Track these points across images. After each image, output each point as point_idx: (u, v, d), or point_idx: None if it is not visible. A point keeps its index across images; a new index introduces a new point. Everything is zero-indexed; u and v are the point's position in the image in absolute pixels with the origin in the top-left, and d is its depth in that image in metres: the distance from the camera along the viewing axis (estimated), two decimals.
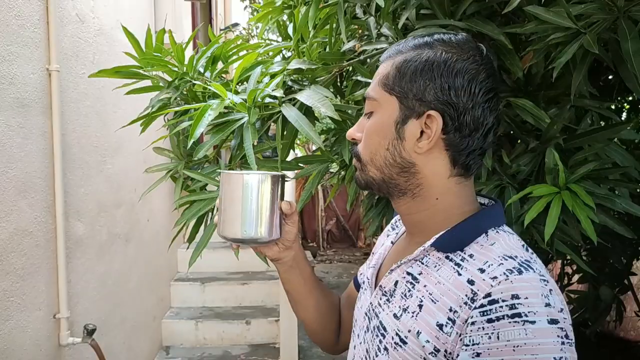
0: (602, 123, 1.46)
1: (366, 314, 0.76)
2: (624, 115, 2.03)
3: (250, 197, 0.74)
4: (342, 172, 1.48)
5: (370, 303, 0.76)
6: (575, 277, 2.47)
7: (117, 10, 2.60)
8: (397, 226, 0.87)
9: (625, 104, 1.97)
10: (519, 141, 1.35)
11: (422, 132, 0.66)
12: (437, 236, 0.67)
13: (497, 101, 0.67)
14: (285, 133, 1.29)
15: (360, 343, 0.75)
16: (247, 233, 0.75)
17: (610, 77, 1.58)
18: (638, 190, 1.36)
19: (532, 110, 1.20)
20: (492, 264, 0.60)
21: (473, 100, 0.64)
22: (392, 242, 0.82)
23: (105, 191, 2.43)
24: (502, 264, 0.60)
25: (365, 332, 0.75)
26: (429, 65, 0.65)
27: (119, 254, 2.61)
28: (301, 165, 1.38)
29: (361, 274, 0.92)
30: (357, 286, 0.93)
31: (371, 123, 0.71)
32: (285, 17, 1.85)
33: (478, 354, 0.56)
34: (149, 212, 3.13)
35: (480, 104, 0.65)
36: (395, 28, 1.21)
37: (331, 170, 1.51)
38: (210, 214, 1.33)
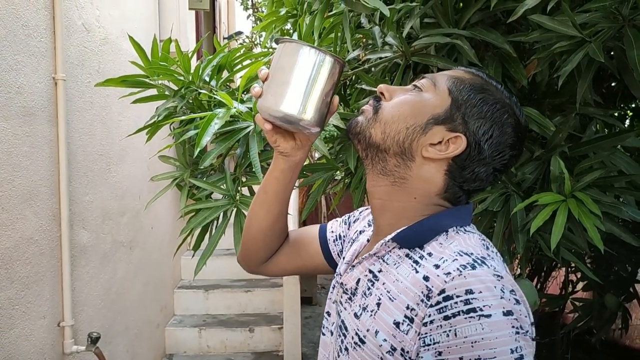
0: (606, 130, 1.47)
1: (336, 309, 0.76)
2: (627, 122, 2.04)
3: (305, 73, 0.68)
4: (347, 180, 1.48)
5: (335, 301, 0.76)
6: (580, 285, 2.46)
7: (123, 20, 2.62)
8: (373, 223, 0.85)
9: (628, 111, 1.97)
10: (524, 149, 1.35)
11: (440, 142, 0.67)
12: (398, 231, 0.67)
13: (497, 179, 0.71)
14: None
15: (333, 342, 0.75)
16: (290, 109, 0.68)
17: (613, 84, 1.58)
18: None
19: (537, 119, 1.21)
20: (446, 260, 0.61)
21: (493, 160, 0.67)
22: (367, 240, 0.81)
23: (109, 199, 2.44)
24: (457, 259, 0.60)
25: (335, 329, 0.75)
26: (494, 108, 0.67)
27: (122, 261, 2.62)
28: (306, 173, 1.38)
29: (332, 231, 0.91)
30: (323, 238, 0.90)
31: (415, 96, 0.70)
32: (289, 26, 1.87)
33: (439, 353, 0.56)
34: (153, 220, 3.14)
35: (493, 167, 0.68)
36: (399, 37, 1.22)
37: (335, 177, 1.51)
38: (215, 222, 1.33)
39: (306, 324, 4.10)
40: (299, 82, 0.68)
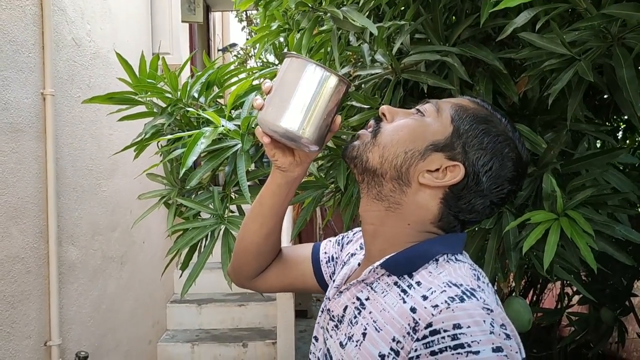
0: (600, 142, 1.45)
1: (323, 336, 0.74)
2: (620, 134, 2.03)
3: (309, 90, 0.67)
4: (338, 196, 1.46)
5: (323, 327, 0.74)
6: (576, 298, 2.44)
7: (114, 34, 2.61)
8: (364, 248, 0.83)
9: (621, 123, 1.97)
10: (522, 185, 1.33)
11: (437, 170, 0.65)
12: (387, 257, 0.66)
13: (494, 212, 0.69)
14: None
15: None
16: (290, 125, 0.67)
17: (605, 96, 1.58)
18: (637, 213, 1.35)
19: (529, 136, 1.19)
20: (435, 291, 0.59)
21: (490, 193, 0.66)
22: (358, 264, 0.78)
23: (100, 214, 2.41)
24: (445, 291, 0.58)
25: (322, 356, 0.73)
26: (495, 140, 0.66)
27: (113, 277, 2.58)
28: (296, 191, 1.36)
29: (325, 252, 0.88)
30: (315, 258, 0.88)
31: (417, 121, 0.69)
32: (282, 39, 1.86)
33: None
34: (145, 234, 3.10)
35: (490, 200, 0.67)
36: (389, 54, 1.21)
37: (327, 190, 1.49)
38: (204, 240, 1.31)
39: (301, 338, 4.05)
40: (301, 98, 0.67)
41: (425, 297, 0.59)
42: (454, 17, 1.41)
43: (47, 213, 1.90)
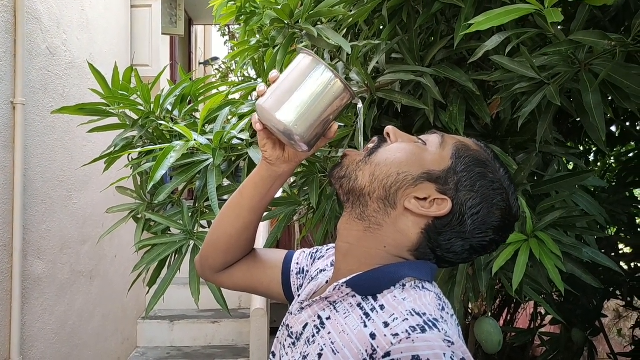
0: (572, 165, 1.48)
1: (280, 352, 0.72)
2: (592, 156, 2.08)
3: (312, 90, 0.67)
4: (310, 215, 1.45)
5: (280, 342, 0.72)
6: (549, 318, 2.46)
7: (92, 44, 2.57)
8: (334, 265, 0.81)
9: (592, 146, 2.01)
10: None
11: (425, 199, 0.65)
12: (353, 275, 0.65)
13: (472, 259, 0.68)
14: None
15: None
16: (285, 118, 0.66)
17: (578, 119, 1.61)
18: (605, 236, 1.37)
19: (500, 156, 1.21)
20: (397, 318, 0.58)
21: (473, 237, 0.65)
22: (327, 281, 0.77)
23: (69, 227, 2.34)
24: (407, 319, 0.57)
25: None
26: (489, 185, 0.65)
27: (81, 292, 2.50)
28: (269, 207, 1.34)
29: (297, 263, 0.86)
30: (286, 267, 0.86)
31: (417, 147, 0.68)
32: (261, 54, 1.85)
33: None
34: (117, 248, 3.03)
35: (471, 244, 0.66)
36: (364, 73, 1.21)
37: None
38: (173, 255, 1.28)
39: None
40: (303, 95, 0.67)
41: (386, 324, 0.57)
42: (432, 38, 1.43)
43: (13, 225, 1.84)
